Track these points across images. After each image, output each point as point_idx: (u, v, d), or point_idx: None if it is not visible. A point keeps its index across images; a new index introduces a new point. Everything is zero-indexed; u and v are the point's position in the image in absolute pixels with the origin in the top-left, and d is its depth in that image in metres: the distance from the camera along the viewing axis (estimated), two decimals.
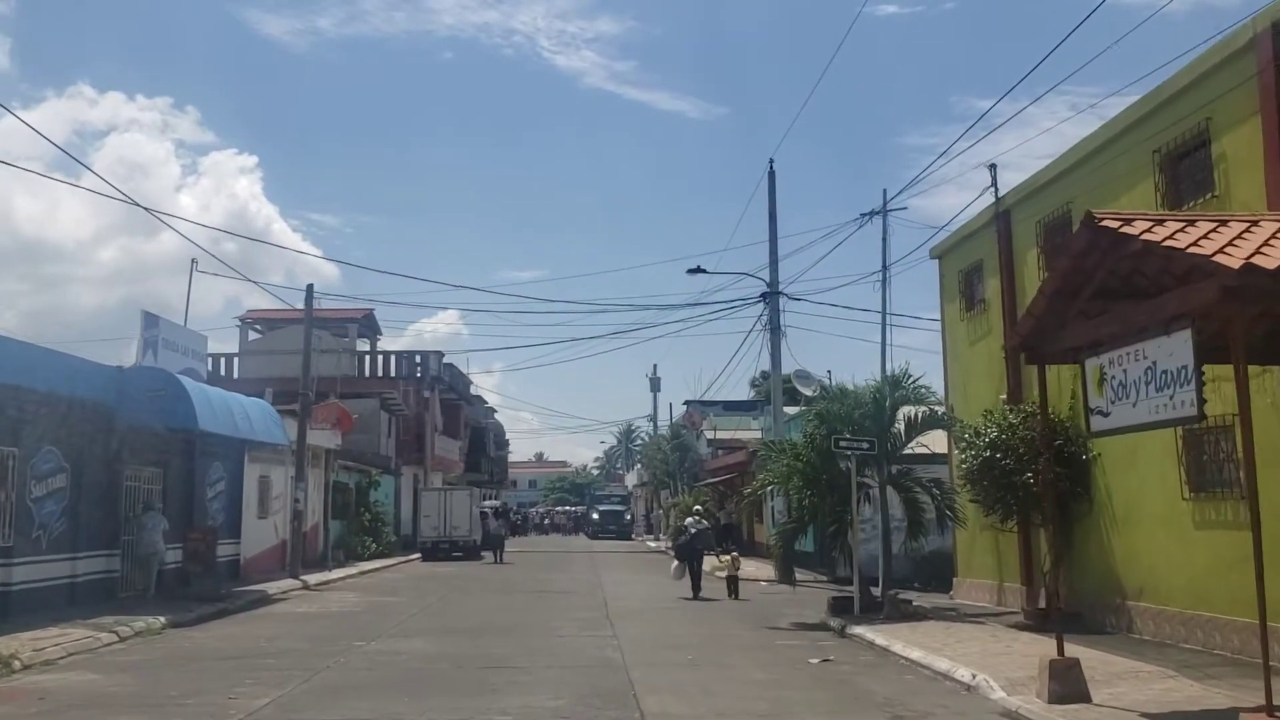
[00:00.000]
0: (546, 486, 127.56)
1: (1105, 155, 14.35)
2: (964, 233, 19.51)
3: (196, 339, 24.22)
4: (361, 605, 21.01)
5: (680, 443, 55.42)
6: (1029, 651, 12.51)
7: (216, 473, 25.47)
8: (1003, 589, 18.16)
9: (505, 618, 18.37)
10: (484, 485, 72.11)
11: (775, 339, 28.09)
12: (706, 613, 19.64)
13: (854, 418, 17.65)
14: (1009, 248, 17.53)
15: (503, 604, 21.25)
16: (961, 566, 20.19)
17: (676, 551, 23.59)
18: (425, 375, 49.16)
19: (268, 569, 27.82)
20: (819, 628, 16.78)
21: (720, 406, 60.27)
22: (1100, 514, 14.73)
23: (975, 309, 19.23)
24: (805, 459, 17.59)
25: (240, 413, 21.48)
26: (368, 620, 18.07)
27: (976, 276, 19.13)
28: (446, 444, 53.90)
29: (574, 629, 16.58)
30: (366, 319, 50.21)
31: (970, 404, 19.02)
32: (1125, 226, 8.42)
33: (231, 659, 13.37)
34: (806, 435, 17.97)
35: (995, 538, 18.29)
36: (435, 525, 40.17)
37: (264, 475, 28.91)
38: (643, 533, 68.74)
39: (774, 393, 28.35)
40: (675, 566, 22.94)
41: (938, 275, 20.83)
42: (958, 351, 19.98)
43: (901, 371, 17.82)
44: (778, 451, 18.45)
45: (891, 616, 16.30)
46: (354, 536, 36.43)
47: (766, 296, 28.40)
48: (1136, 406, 8.65)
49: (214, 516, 25.27)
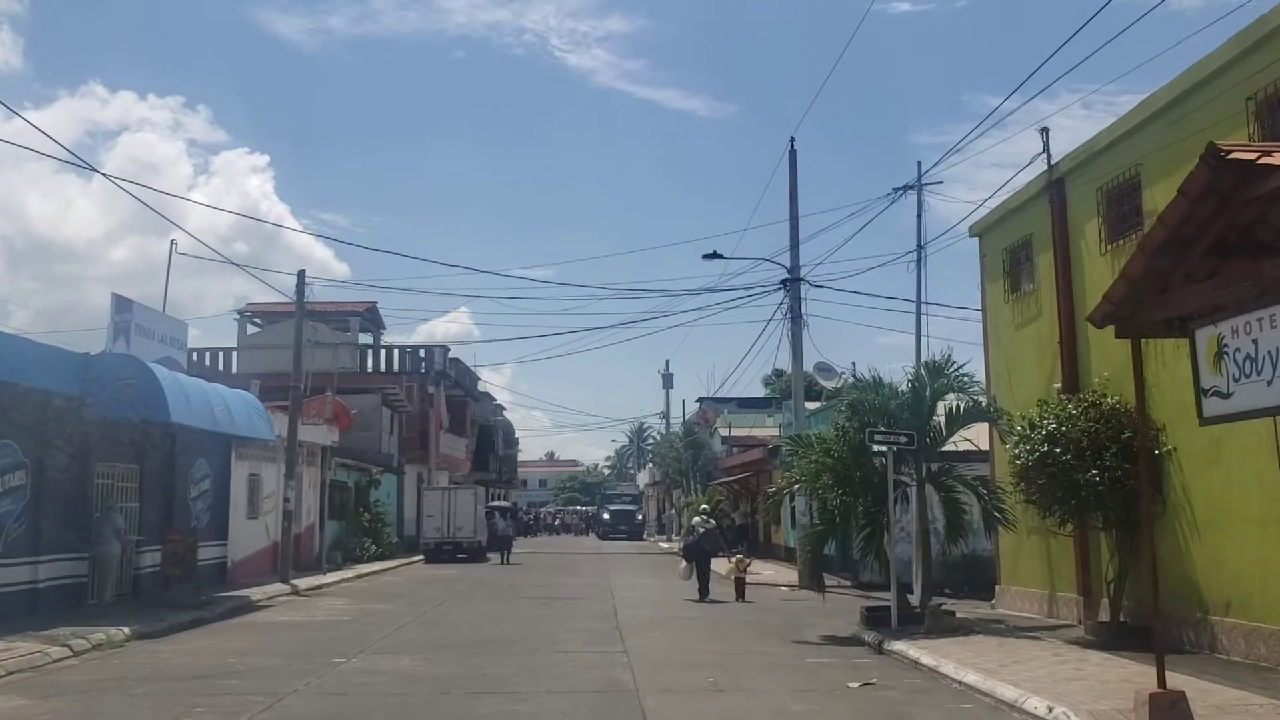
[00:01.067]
0: (557, 486, 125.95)
1: (1184, 107, 12.60)
2: (1009, 207, 17.76)
3: (175, 326, 22.63)
4: (351, 614, 19.38)
5: (694, 440, 53.70)
6: (1106, 676, 10.81)
7: (200, 470, 23.90)
8: (1054, 599, 16.42)
9: (505, 629, 16.72)
10: (492, 484, 70.53)
11: (796, 328, 26.36)
12: (724, 622, 17.96)
13: (889, 409, 15.95)
14: (1063, 220, 15.79)
15: (504, 612, 19.61)
16: (1005, 573, 18.45)
17: (684, 552, 23.39)
18: (430, 370, 47.53)
19: (258, 572, 26.25)
20: (852, 642, 15.09)
21: (734, 404, 58.61)
22: (1176, 516, 12.98)
23: (1022, 290, 17.49)
24: (836, 454, 15.89)
25: (220, 405, 19.86)
26: (353, 632, 16.43)
27: (1024, 254, 17.39)
28: (452, 442, 52.28)
29: (580, 643, 14.91)
30: (369, 312, 48.65)
31: (1015, 395, 17.29)
32: (1265, 158, 6.71)
33: (190, 679, 11.75)
34: (837, 428, 16.27)
35: (1045, 542, 16.56)
36: (438, 526, 38.54)
37: (254, 473, 27.35)
38: (654, 533, 67.12)
39: (795, 385, 26.64)
40: (683, 567, 22.76)
41: (978, 255, 19.09)
42: (1001, 338, 18.24)
43: (943, 357, 16.12)
44: (804, 446, 16.75)
45: (934, 630, 14.58)
46: (352, 538, 34.84)
47: (787, 283, 26.68)
48: (1273, 385, 6.95)
49: (198, 517, 23.71)
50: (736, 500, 45.64)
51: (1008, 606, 18.08)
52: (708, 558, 22.41)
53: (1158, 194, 13.30)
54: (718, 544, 24.35)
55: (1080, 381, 15.30)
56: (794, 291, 26.53)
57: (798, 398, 26.56)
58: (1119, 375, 14.20)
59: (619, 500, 71.28)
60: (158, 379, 17.40)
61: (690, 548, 22.96)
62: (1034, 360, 16.98)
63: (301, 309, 25.58)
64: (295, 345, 25.65)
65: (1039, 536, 16.60)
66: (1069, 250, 15.68)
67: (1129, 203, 14.06)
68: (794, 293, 26.52)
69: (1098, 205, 14.77)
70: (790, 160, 27.13)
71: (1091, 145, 14.94)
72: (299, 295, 25.63)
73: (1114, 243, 14.44)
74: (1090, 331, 15.19)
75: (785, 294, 26.77)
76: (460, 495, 39.71)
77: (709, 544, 22.76)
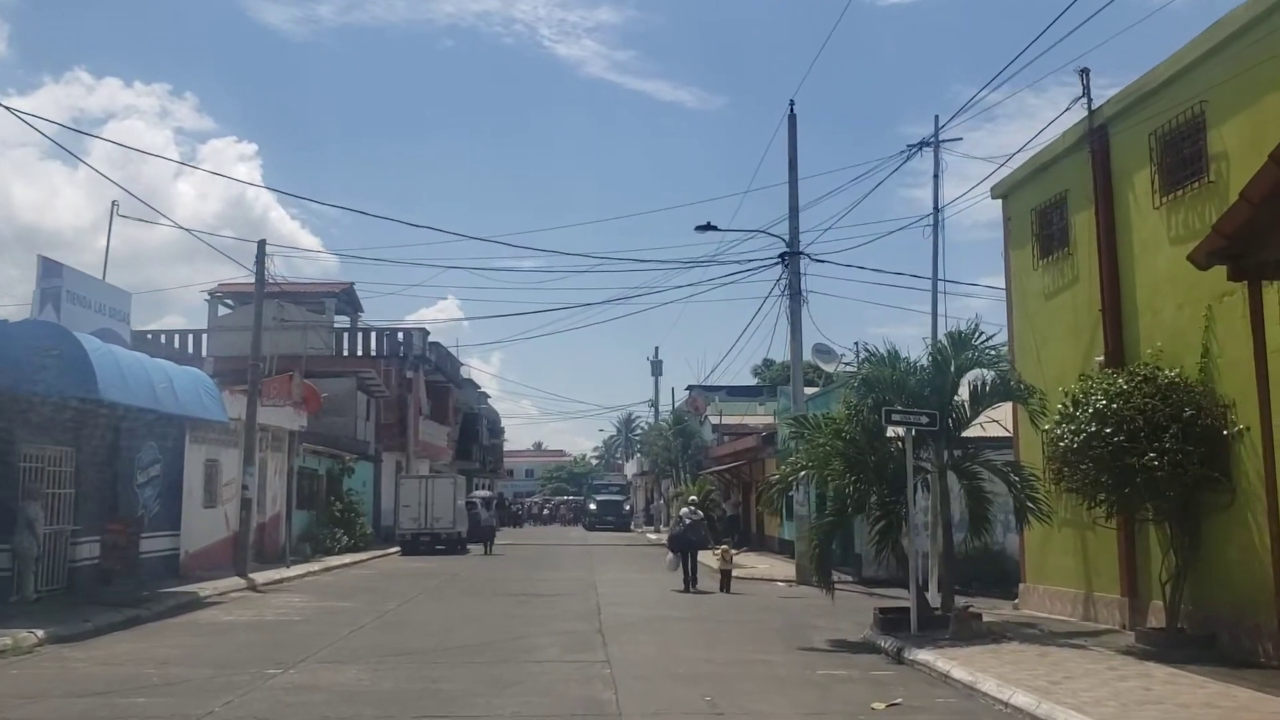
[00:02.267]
0: (544, 476, 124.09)
1: (1263, 28, 10.77)
2: (1039, 162, 15.90)
3: (116, 296, 20.61)
4: (306, 612, 17.51)
5: (683, 428, 51.85)
6: (1184, 698, 9.00)
7: (149, 454, 21.95)
8: (1091, 600, 14.62)
9: (475, 631, 14.87)
10: (476, 474, 68.66)
11: (795, 305, 24.52)
12: (718, 623, 16.15)
13: (908, 386, 14.12)
14: (1106, 172, 13.95)
15: (476, 611, 17.75)
16: (1031, 570, 16.65)
17: (671, 543, 22.99)
18: (408, 354, 45.53)
19: (214, 565, 24.32)
20: (865, 649, 13.28)
21: (724, 392, 56.77)
22: (1248, 506, 11.18)
23: (1054, 254, 15.64)
24: (848, 436, 14.05)
25: (163, 382, 17.92)
26: (303, 634, 14.56)
27: (1057, 214, 15.55)
28: (433, 429, 50.32)
29: (557, 649, 13.06)
30: (346, 293, 46.66)
31: (1045, 371, 15.48)
32: None
33: (90, 696, 9.86)
34: (849, 407, 14.43)
35: (1080, 536, 14.78)
36: (415, 516, 36.60)
37: (212, 459, 25.40)
38: (642, 524, 65.36)
39: (794, 366, 24.80)
40: (670, 558, 22.52)
41: (1002, 218, 17.26)
42: (1028, 309, 16.41)
43: (969, 326, 14.27)
44: (812, 429, 14.89)
45: (960, 635, 12.78)
46: (323, 529, 32.92)
47: (785, 257, 24.82)
48: None
49: (145, 505, 21.76)
50: (728, 490, 43.83)
51: (1034, 607, 16.30)
52: (695, 549, 22.06)
53: (1227, 134, 11.49)
54: (705, 535, 24.12)
55: (1126, 354, 13.48)
56: (793, 266, 24.68)
57: (796, 379, 24.74)
58: (1175, 345, 12.41)
59: (606, 490, 69.49)
60: (85, 350, 15.47)
61: (676, 538, 22.57)
62: (1068, 332, 15.16)
63: (261, 281, 23.63)
64: (255, 320, 23.73)
65: (1073, 529, 14.81)
66: (1113, 205, 13.84)
67: (1189, 146, 12.22)
68: (793, 267, 24.67)
69: (1150, 152, 12.92)
70: (789, 126, 25.28)
71: (1143, 85, 13.09)
72: (259, 266, 23.68)
73: (1171, 194, 12.61)
74: (1139, 296, 13.40)
75: (783, 269, 24.93)
76: (438, 484, 37.78)
77: (695, 535, 22.41)
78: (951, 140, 21.57)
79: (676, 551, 22.27)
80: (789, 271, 24.70)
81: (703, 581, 21.90)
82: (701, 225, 25.24)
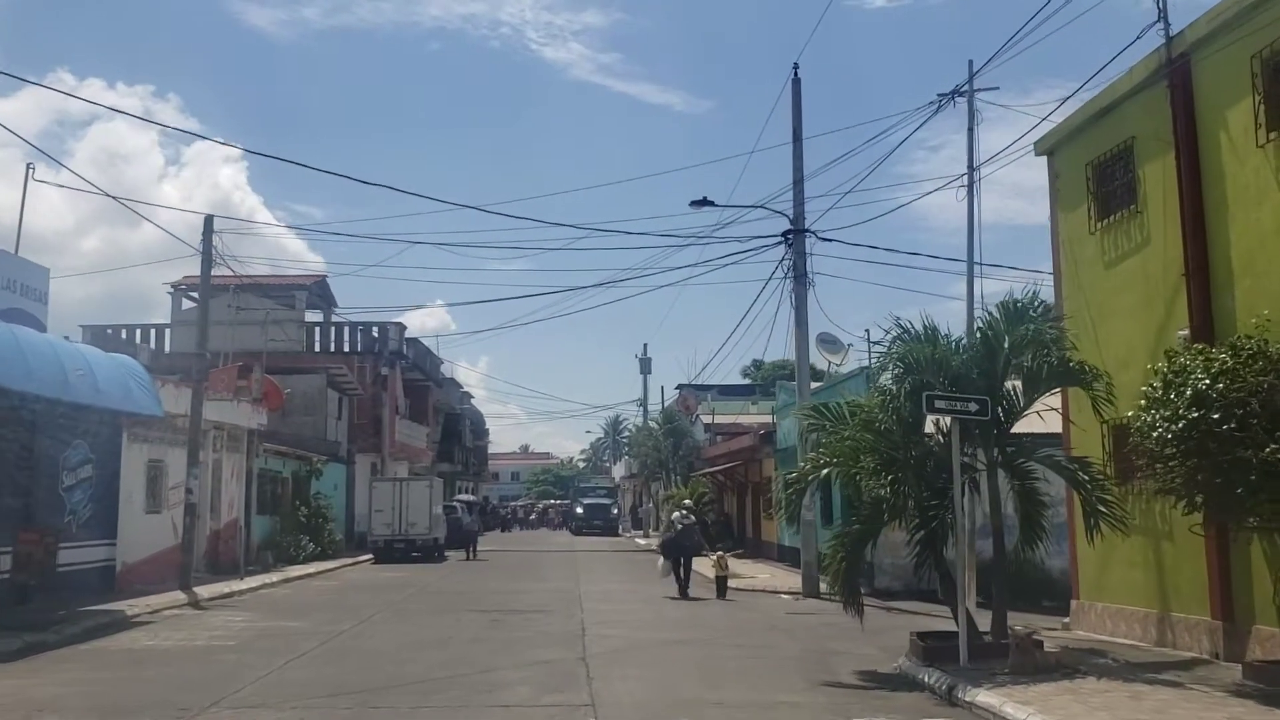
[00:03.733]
0: (530, 479, 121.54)
1: None
2: (1096, 107, 13.57)
3: (29, 271, 18.08)
4: (245, 635, 15.10)
5: (674, 427, 49.51)
6: None
7: (79, 454, 19.52)
8: (1168, 623, 12.31)
9: (435, 661, 12.50)
10: (459, 477, 66.24)
11: (800, 288, 22.21)
12: (722, 647, 13.83)
13: (952, 366, 11.80)
14: (1189, 110, 11.67)
15: (441, 633, 15.37)
16: (1086, 585, 14.35)
17: (663, 548, 21.99)
18: (384, 350, 43.05)
19: (160, 578, 21.88)
20: (904, 683, 10.98)
21: (715, 391, 54.51)
22: None
23: (1117, 214, 13.34)
24: (882, 427, 11.72)
25: (79, 370, 15.52)
26: (228, 666, 12.16)
27: (1120, 166, 13.26)
28: (411, 430, 47.83)
29: (530, 688, 10.69)
30: (318, 286, 44.19)
31: (1104, 351, 13.21)
32: None
33: None
34: (881, 393, 12.10)
35: (1152, 545, 12.51)
36: (388, 522, 34.12)
37: (156, 459, 22.97)
38: (630, 528, 63.02)
39: (798, 354, 22.44)
40: (662, 564, 21.62)
41: (1048, 178, 14.97)
42: (1083, 279, 14.10)
43: (1026, 296, 11.96)
44: (834, 420, 12.56)
45: (1022, 669, 10.47)
46: (287, 535, 30.45)
47: (789, 235, 22.51)
48: None
49: (74, 511, 19.35)
50: (721, 492, 41.55)
51: (1089, 628, 14.01)
52: (688, 555, 21.26)
53: None
54: (699, 541, 23.26)
55: (1217, 326, 11.21)
56: (797, 245, 22.37)
57: (802, 369, 22.41)
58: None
59: (593, 493, 67.13)
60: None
61: (669, 544, 21.66)
62: (1136, 304, 12.87)
63: (209, 259, 21.19)
64: (200, 304, 21.31)
65: (1143, 538, 12.51)
66: (1197, 150, 11.56)
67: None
68: (797, 246, 22.36)
69: (1253, 79, 10.63)
70: (793, 92, 22.98)
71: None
72: (205, 243, 21.25)
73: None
74: (1236, 256, 11.13)
75: (787, 249, 22.62)
76: (414, 488, 35.32)
77: (689, 540, 21.58)
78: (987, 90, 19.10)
79: (669, 558, 21.26)
80: (793, 251, 22.39)
81: (697, 589, 20.88)
82: (697, 200, 22.91)
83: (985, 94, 18.87)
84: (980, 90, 18.74)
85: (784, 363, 68.88)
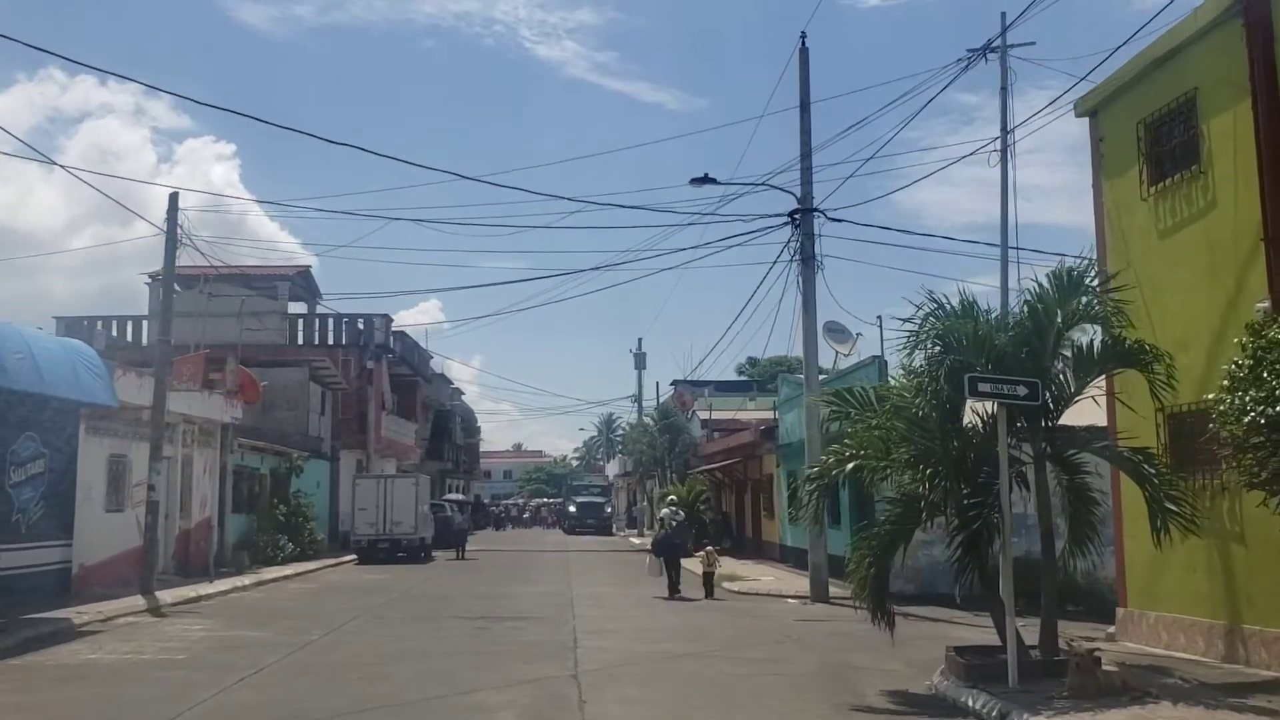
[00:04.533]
0: (522, 478, 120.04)
1: None
2: (1149, 58, 12.10)
3: None
4: (199, 647, 13.61)
5: (670, 423, 48.01)
6: None
7: (29, 448, 17.94)
8: (1238, 636, 10.87)
9: (407, 679, 11.02)
10: (450, 475, 64.73)
11: (808, 271, 20.76)
12: (731, 662, 12.38)
13: (995, 345, 10.36)
14: (1267, 53, 10.24)
15: (420, 643, 13.90)
16: (1135, 592, 12.89)
17: (654, 547, 21.81)
18: (369, 343, 41.51)
19: (123, 580, 20.37)
20: (943, 708, 9.55)
21: (711, 387, 53.03)
22: None
23: (1175, 177, 11.89)
24: (918, 413, 10.26)
25: (19, 353, 14.00)
26: (172, 685, 10.67)
27: (1179, 123, 11.81)
28: (399, 426, 46.30)
29: (513, 714, 9.21)
30: (302, 276, 42.61)
31: (1160, 330, 11.78)
32: None
33: None
34: (913, 375, 10.64)
35: (1219, 549, 11.09)
36: (372, 521, 32.62)
37: (118, 454, 21.45)
38: (624, 527, 61.58)
39: (806, 342, 20.98)
40: (650, 562, 21.54)
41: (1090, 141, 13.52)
42: (1134, 252, 12.63)
43: (1080, 265, 10.50)
44: (860, 406, 11.10)
45: (1081, 691, 9.03)
46: (265, 535, 28.93)
47: (796, 216, 21.07)
48: None
49: (22, 509, 17.77)
50: (719, 490, 40.11)
51: (1141, 640, 12.57)
52: (678, 552, 21.12)
53: None
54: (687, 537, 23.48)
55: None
56: (805, 225, 20.93)
57: (810, 357, 20.95)
58: None
59: (586, 492, 65.65)
60: None
61: (660, 543, 21.46)
62: (1199, 276, 11.43)
63: (174, 239, 19.66)
64: (165, 286, 19.81)
65: (1208, 540, 11.07)
66: (1278, 96, 10.12)
67: None
68: (805, 226, 20.91)
69: None
70: (801, 62, 21.51)
71: None
72: (170, 222, 19.73)
73: None
74: None
75: (794, 229, 21.17)
76: (399, 485, 33.81)
77: (679, 538, 21.58)
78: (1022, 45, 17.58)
79: (659, 556, 20.99)
80: (800, 232, 20.95)
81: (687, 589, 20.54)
82: (698, 177, 21.43)
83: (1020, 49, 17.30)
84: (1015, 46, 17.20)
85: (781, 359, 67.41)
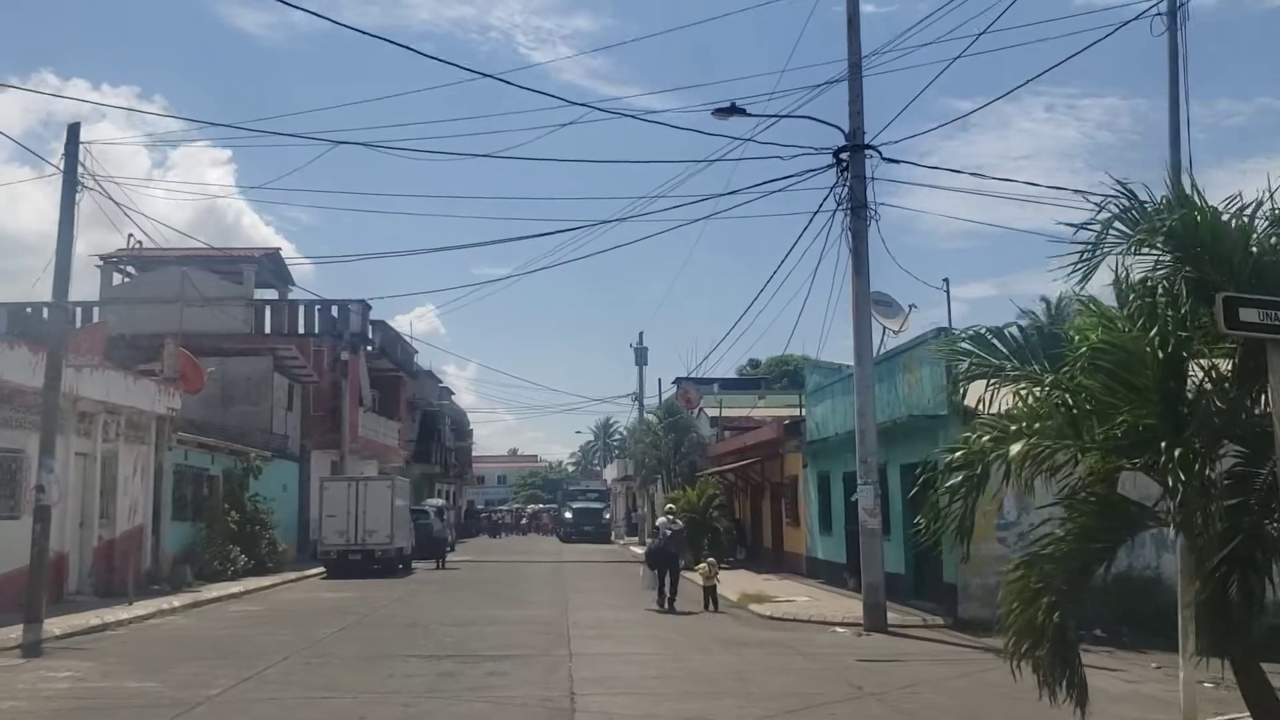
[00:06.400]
0: (518, 483, 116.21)
1: None
2: None
3: None
4: (46, 709, 9.67)
5: (675, 422, 44.05)
6: None
7: None
8: None
9: None
10: (439, 479, 60.87)
11: (859, 222, 16.86)
12: None
13: (1251, 256, 6.43)
14: None
15: (358, 703, 9.94)
16: None
17: (649, 557, 20.30)
18: (344, 332, 37.55)
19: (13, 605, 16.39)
20: None
21: (716, 385, 49.08)
22: None
23: None
24: (1132, 355, 6.32)
25: None
26: None
27: None
28: (379, 424, 42.36)
29: None
30: (271, 259, 38.77)
31: None
32: None
33: None
34: (1146, 292, 6.68)
35: None
36: (342, 529, 28.62)
37: (10, 448, 17.60)
38: (624, 534, 57.67)
39: (856, 306, 16.97)
40: (644, 573, 20.13)
41: None
42: None
43: None
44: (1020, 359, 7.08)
45: None
46: (213, 546, 24.95)
47: (842, 155, 17.16)
48: None
49: None
50: (732, 494, 36.14)
51: None
52: (674, 562, 19.90)
53: None
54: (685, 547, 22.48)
55: None
56: (855, 166, 17.03)
57: (861, 329, 17.02)
58: None
59: (583, 497, 61.83)
60: None
61: (655, 553, 20.03)
62: None
63: (73, 179, 15.70)
64: (61, 241, 15.81)
65: None
66: None
67: None
68: (855, 168, 17.02)
69: None
70: None
71: None
72: (68, 159, 15.77)
73: None
74: None
75: (839, 173, 17.28)
76: (373, 488, 29.81)
77: (675, 547, 20.29)
78: None
79: (654, 568, 19.65)
80: (849, 175, 17.05)
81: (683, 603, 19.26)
82: (723, 108, 17.45)
83: None
84: None
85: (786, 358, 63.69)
